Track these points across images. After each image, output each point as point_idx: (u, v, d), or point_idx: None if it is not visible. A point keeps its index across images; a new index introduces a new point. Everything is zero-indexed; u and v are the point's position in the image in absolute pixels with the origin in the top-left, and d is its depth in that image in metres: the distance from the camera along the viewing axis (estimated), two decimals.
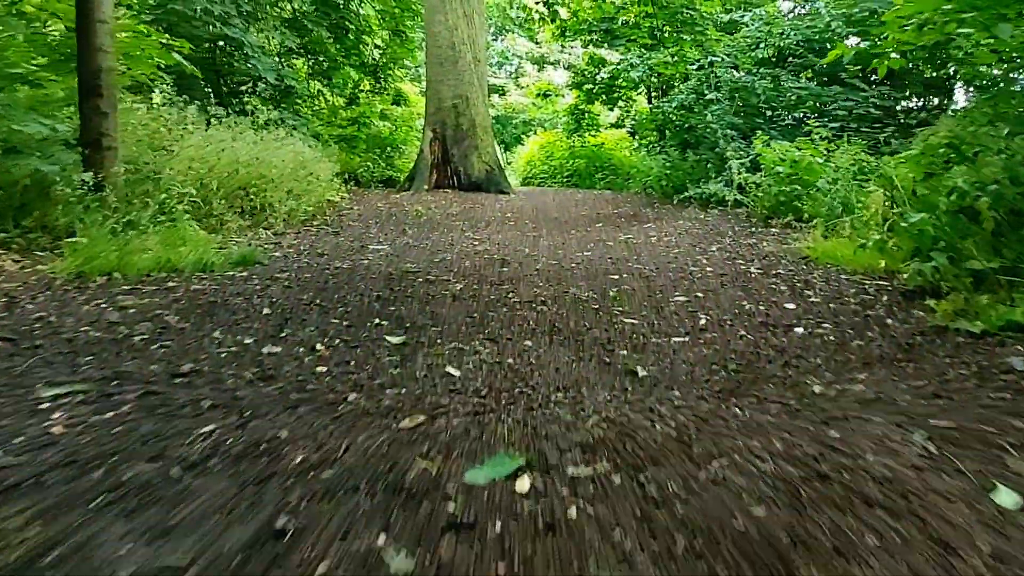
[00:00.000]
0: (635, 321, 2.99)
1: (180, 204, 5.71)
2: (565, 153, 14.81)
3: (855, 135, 7.62)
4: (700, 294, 3.58)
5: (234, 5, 9.39)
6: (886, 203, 4.81)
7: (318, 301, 3.21)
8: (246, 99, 9.41)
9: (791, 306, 3.24)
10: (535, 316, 3.08)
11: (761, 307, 3.24)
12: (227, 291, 3.34)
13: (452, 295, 3.50)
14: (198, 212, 5.94)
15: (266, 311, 2.93)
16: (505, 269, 4.44)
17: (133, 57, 6.66)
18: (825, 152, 6.98)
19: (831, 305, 3.24)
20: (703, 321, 2.97)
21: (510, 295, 3.54)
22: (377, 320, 2.90)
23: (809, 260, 4.62)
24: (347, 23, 12.03)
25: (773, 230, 6.42)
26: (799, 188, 6.78)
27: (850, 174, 6.17)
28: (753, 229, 6.49)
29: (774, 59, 9.52)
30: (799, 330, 2.77)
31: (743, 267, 4.39)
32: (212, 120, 7.01)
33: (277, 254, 4.90)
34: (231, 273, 3.82)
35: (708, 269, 4.33)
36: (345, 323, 2.83)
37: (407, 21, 13.40)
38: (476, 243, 5.87)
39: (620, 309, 3.24)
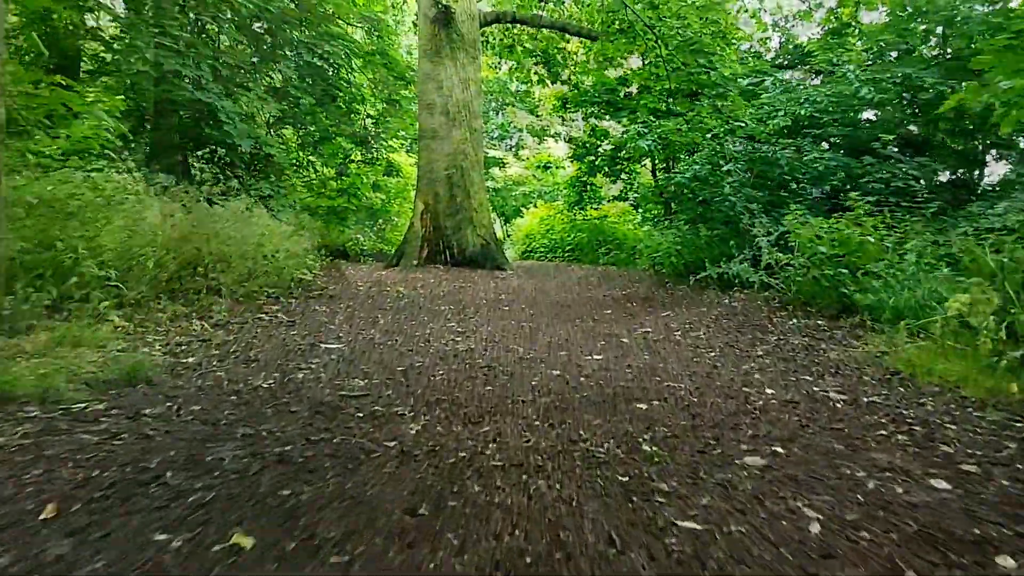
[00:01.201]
0: (695, 523, 1.76)
1: (95, 290, 4.67)
2: (566, 226, 13.95)
3: (897, 210, 6.60)
4: (779, 448, 2.35)
5: (211, 69, 8.69)
6: (991, 301, 3.67)
7: (172, 473, 1.98)
8: (195, 165, 8.57)
9: (941, 483, 2.00)
10: (524, 505, 1.86)
11: (893, 485, 2.00)
12: (36, 450, 2.12)
13: (400, 449, 2.28)
14: (124, 298, 4.87)
15: (48, 512, 1.69)
16: (489, 388, 3.23)
17: (67, 119, 5.83)
18: (873, 229, 5.93)
19: (1004, 482, 2.01)
20: (815, 526, 1.73)
21: (489, 448, 2.32)
22: (240, 526, 1.66)
23: (900, 375, 3.42)
24: (337, 92, 11.40)
25: (820, 322, 5.25)
26: (844, 272, 5.68)
27: (919, 258, 5.08)
28: (796, 322, 5.32)
29: (787, 129, 8.71)
30: (1009, 563, 1.53)
31: (816, 389, 3.18)
32: (157, 189, 6.03)
33: (190, 359, 3.71)
34: (81, 405, 2.61)
35: (769, 392, 3.12)
36: (181, 538, 1.59)
37: (402, 91, 12.84)
38: (458, 339, 4.70)
39: (663, 485, 2.01)
